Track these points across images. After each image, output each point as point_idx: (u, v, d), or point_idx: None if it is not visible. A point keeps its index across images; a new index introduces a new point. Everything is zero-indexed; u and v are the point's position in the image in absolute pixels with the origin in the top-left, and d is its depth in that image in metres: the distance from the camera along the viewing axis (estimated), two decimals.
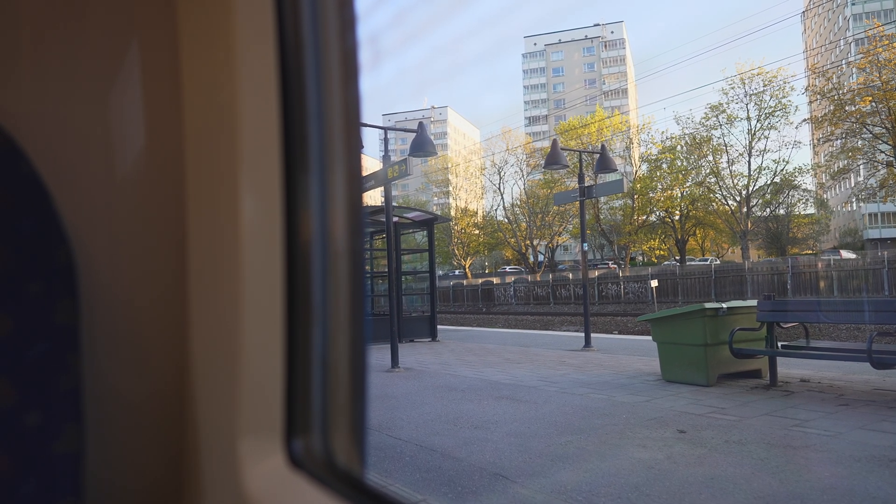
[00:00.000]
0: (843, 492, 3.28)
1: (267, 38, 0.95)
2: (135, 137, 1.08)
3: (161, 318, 1.09)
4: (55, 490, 0.92)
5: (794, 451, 4.05)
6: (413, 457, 4.22)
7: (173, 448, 1.09)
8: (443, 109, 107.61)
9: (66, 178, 1.01)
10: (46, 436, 0.92)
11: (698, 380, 6.49)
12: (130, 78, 1.08)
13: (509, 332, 16.65)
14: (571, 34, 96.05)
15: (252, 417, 0.95)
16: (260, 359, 0.95)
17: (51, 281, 0.93)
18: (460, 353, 10.56)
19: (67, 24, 1.04)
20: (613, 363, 8.54)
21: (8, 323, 0.90)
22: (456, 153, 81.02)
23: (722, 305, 6.66)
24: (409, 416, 5.51)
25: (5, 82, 1.00)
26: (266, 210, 0.95)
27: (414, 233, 15.85)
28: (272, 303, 0.95)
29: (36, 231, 0.92)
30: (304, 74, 0.98)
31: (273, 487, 0.91)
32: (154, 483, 1.09)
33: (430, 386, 7.21)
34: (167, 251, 1.09)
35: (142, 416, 1.08)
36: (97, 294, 1.02)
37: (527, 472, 3.76)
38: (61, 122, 1.03)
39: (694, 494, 3.31)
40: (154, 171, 1.08)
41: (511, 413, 5.47)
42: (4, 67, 1.00)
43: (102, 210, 1.06)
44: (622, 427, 4.81)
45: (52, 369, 0.93)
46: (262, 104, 0.95)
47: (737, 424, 4.72)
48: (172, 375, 1.08)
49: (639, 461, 3.88)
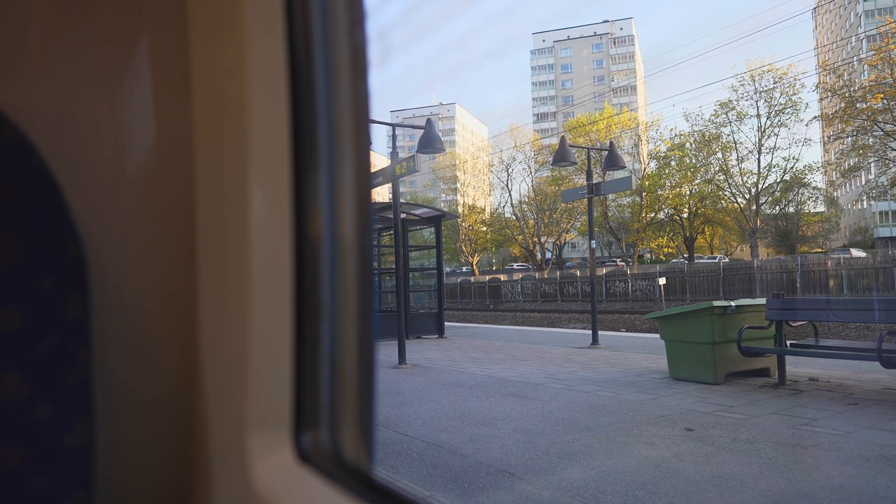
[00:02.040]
0: (852, 491, 3.26)
1: (276, 33, 0.95)
2: (144, 133, 1.09)
3: (170, 313, 1.09)
4: (66, 483, 0.93)
5: (802, 450, 4.03)
6: (420, 453, 4.23)
7: (183, 442, 1.09)
8: (451, 106, 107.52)
9: (76, 174, 1.02)
10: (57, 429, 0.92)
11: (706, 378, 6.47)
12: (140, 74, 1.08)
13: (516, 329, 16.64)
14: (580, 31, 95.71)
15: (261, 412, 0.95)
16: (269, 354, 0.95)
17: (61, 275, 0.94)
18: (467, 350, 10.56)
19: (77, 20, 1.04)
20: (621, 361, 8.52)
21: (19, 317, 0.90)
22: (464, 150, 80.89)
23: (730, 303, 6.63)
24: (417, 413, 5.52)
25: (17, 78, 1.01)
26: (275, 205, 0.96)
27: (422, 229, 15.85)
28: (281, 298, 0.96)
29: (47, 226, 0.93)
30: (314, 70, 0.98)
31: (282, 482, 0.92)
32: (163, 477, 1.10)
33: (437, 382, 7.21)
34: (176, 246, 1.09)
35: (151, 409, 1.09)
36: (107, 289, 1.03)
37: (533, 469, 3.76)
38: (72, 117, 1.04)
39: (701, 493, 3.30)
40: (163, 167, 1.09)
41: (518, 410, 5.47)
42: (16, 64, 1.01)
43: (112, 205, 1.06)
44: (629, 425, 4.80)
45: (63, 363, 0.93)
46: (271, 100, 0.95)
47: (745, 423, 4.70)
48: (182, 370, 1.09)
49: (646, 459, 3.87)
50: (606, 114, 54.34)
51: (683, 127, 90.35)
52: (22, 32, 1.02)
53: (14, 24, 1.01)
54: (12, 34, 1.01)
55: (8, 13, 1.01)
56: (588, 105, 73.39)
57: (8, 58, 1.00)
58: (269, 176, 0.95)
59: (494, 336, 13.42)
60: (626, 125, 53.23)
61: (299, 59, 0.96)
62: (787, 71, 41.20)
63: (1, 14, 1.00)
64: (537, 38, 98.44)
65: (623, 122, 53.36)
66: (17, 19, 1.02)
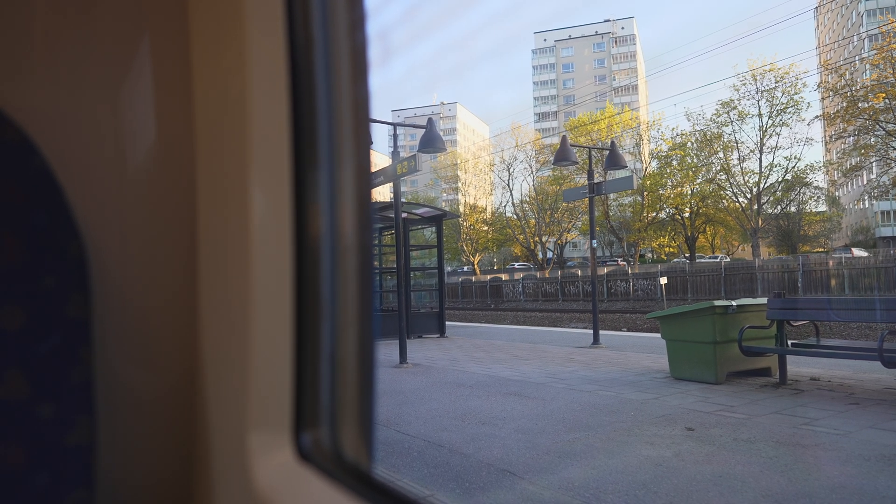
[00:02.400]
0: (853, 491, 3.26)
1: (277, 33, 0.95)
2: (146, 132, 1.09)
3: (171, 312, 1.10)
4: (67, 481, 0.93)
5: (803, 450, 4.02)
6: (421, 452, 4.23)
7: (183, 441, 1.10)
8: (452, 105, 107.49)
9: (77, 173, 1.02)
10: (59, 428, 0.93)
11: (707, 377, 6.47)
12: (141, 73, 1.09)
13: (517, 328, 16.64)
14: (581, 30, 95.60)
15: (261, 411, 0.95)
16: (269, 353, 0.95)
17: (63, 275, 0.94)
18: (468, 350, 10.56)
19: (79, 20, 1.04)
20: (622, 360, 8.52)
21: (21, 316, 0.91)
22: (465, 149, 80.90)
23: (731, 303, 6.63)
24: (417, 412, 5.52)
25: (18, 78, 1.01)
26: (276, 205, 0.96)
27: (423, 229, 15.86)
28: (281, 297, 0.96)
29: (48, 225, 0.93)
30: (314, 70, 0.98)
31: (282, 481, 0.92)
32: (164, 476, 1.10)
33: (438, 382, 7.22)
34: (178, 245, 1.09)
35: (152, 409, 1.09)
36: (108, 288, 1.03)
37: (534, 469, 3.76)
38: (73, 116, 1.04)
39: (702, 492, 3.30)
40: (165, 166, 1.09)
41: (519, 409, 5.48)
42: (17, 63, 1.01)
43: (113, 205, 1.07)
44: (630, 424, 4.80)
45: (65, 362, 0.94)
46: (272, 99, 0.95)
47: (746, 422, 4.70)
48: (183, 369, 1.09)
49: (647, 458, 3.87)
50: (608, 113, 54.27)
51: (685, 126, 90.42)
52: (23, 32, 1.02)
53: (15, 23, 1.02)
54: (14, 34, 1.01)
55: (9, 13, 1.01)
56: (589, 104, 73.35)
57: (9, 57, 1.00)
58: (270, 175, 0.95)
59: (495, 335, 13.42)
60: (628, 124, 53.17)
61: (300, 58, 0.97)
62: (789, 70, 41.16)
63: (2, 14, 1.00)
64: (538, 38, 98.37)
65: (624, 121, 53.31)
66: (19, 19, 1.02)
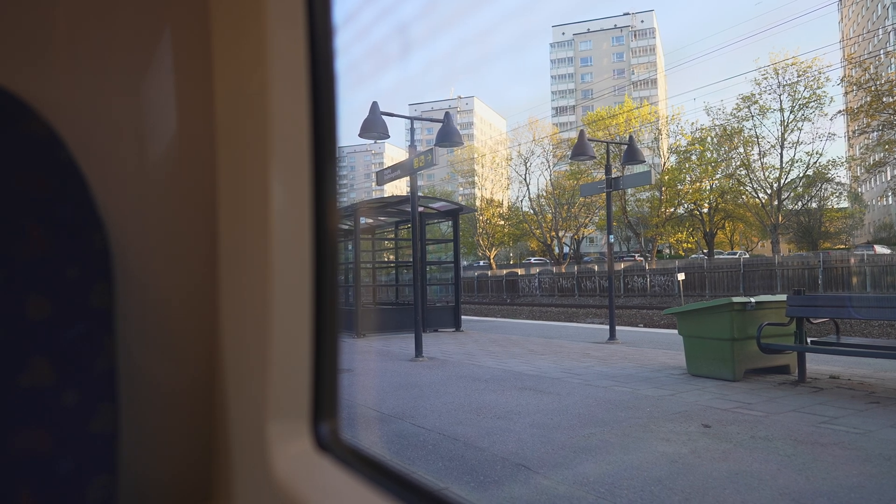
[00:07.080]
0: (872, 490, 3.23)
1: (297, 26, 0.96)
2: (167, 126, 1.10)
3: (192, 303, 1.11)
4: (91, 467, 0.95)
5: (821, 449, 3.98)
6: (436, 445, 4.25)
7: (204, 430, 1.11)
8: (469, 99, 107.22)
9: (100, 166, 1.04)
10: (83, 415, 0.95)
11: (724, 374, 6.42)
12: (163, 68, 1.10)
13: (533, 323, 16.61)
14: (600, 23, 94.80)
15: (280, 401, 0.97)
16: (288, 344, 0.96)
17: (87, 265, 0.96)
18: (484, 344, 10.57)
19: (102, 15, 1.06)
20: (638, 356, 8.48)
21: (46, 306, 0.93)
22: (482, 143, 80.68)
23: (750, 300, 6.56)
24: (433, 405, 5.54)
25: (44, 74, 1.03)
26: (295, 199, 0.97)
27: (439, 223, 15.87)
28: (300, 289, 0.97)
29: (73, 217, 0.95)
30: (334, 63, 0.98)
31: (300, 469, 0.93)
32: (185, 464, 1.12)
33: (453, 376, 7.23)
34: (198, 237, 1.11)
35: (173, 397, 1.11)
36: (130, 279, 1.05)
37: (549, 463, 3.76)
38: (96, 110, 1.06)
39: (718, 490, 3.28)
40: (186, 159, 1.10)
41: (534, 404, 5.47)
42: (43, 59, 1.03)
43: (135, 197, 1.08)
44: (646, 420, 4.78)
45: (88, 351, 0.96)
46: (292, 92, 0.96)
47: (763, 420, 4.66)
48: (203, 359, 1.11)
49: (662, 455, 3.86)
50: (626, 107, 53.82)
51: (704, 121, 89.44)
52: (48, 29, 1.04)
53: (40, 19, 1.03)
54: (39, 31, 1.03)
55: (33, 9, 1.03)
56: (608, 98, 72.72)
57: (36, 54, 1.02)
58: (290, 169, 0.96)
59: (511, 330, 13.40)
60: (646, 119, 52.70)
61: (320, 52, 0.97)
62: (812, 64, 40.54)
63: (28, 11, 1.02)
64: (557, 31, 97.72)
65: (643, 115, 52.83)
66: (43, 16, 1.04)
